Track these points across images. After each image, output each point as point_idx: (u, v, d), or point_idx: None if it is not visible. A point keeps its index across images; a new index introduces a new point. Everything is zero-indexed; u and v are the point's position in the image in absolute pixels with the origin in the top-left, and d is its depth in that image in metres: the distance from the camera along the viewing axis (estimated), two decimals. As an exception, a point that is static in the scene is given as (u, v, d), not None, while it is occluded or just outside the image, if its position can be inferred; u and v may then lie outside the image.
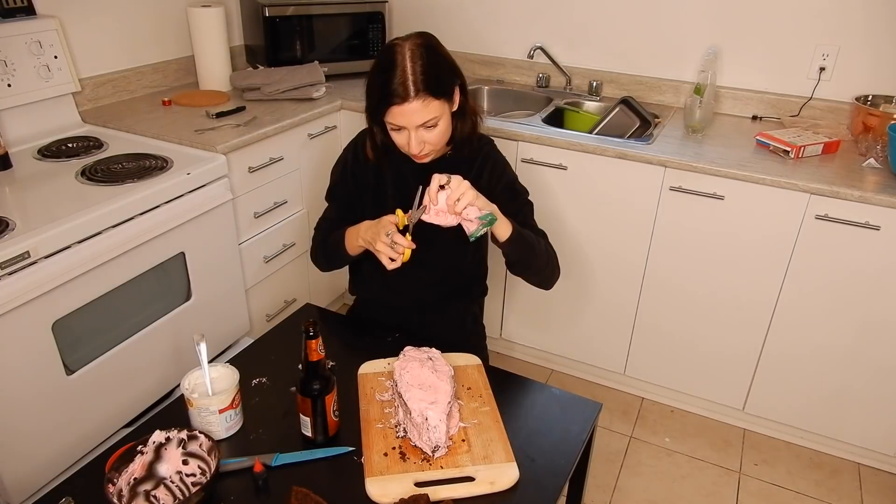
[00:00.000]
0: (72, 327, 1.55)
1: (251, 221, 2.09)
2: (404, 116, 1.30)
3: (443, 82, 1.32)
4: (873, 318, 1.90)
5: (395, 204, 1.42)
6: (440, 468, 1.09)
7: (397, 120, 1.31)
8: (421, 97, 1.28)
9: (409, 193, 1.45)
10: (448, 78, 1.34)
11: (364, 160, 1.50)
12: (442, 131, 1.35)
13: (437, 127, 1.34)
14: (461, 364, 1.35)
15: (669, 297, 2.15)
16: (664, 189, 2.01)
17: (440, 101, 1.31)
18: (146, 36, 2.32)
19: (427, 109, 1.30)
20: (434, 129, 1.34)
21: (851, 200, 1.78)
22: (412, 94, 1.27)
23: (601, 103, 2.50)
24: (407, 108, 1.28)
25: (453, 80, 1.36)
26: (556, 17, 2.54)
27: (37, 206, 1.58)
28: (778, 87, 2.30)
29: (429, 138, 1.34)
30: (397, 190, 1.49)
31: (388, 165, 1.49)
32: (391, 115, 1.31)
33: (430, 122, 1.32)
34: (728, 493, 2.01)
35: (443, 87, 1.32)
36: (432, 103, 1.30)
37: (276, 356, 1.36)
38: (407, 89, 1.27)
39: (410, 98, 1.27)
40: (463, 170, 1.47)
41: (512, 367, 2.00)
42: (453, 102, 1.37)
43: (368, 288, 1.65)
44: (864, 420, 2.04)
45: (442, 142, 1.38)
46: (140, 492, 1.03)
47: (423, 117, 1.30)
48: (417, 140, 1.33)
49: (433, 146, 1.36)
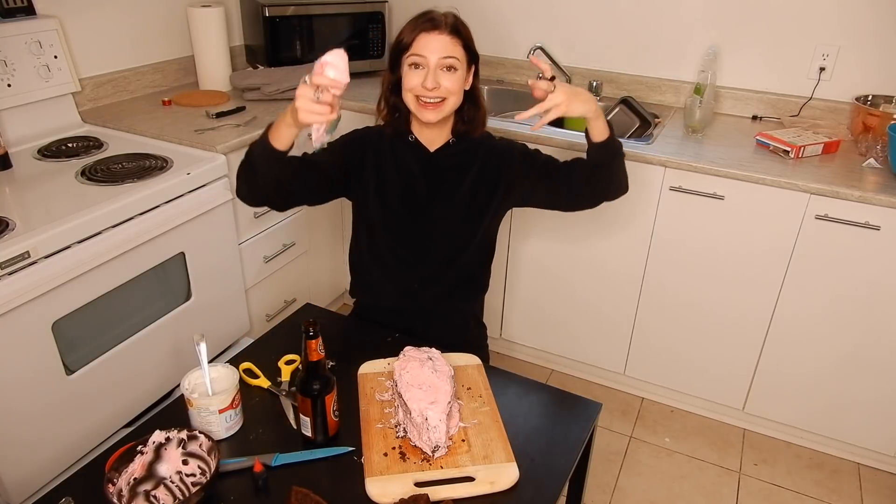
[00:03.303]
0: (72, 327, 1.55)
1: (251, 221, 2.09)
2: (429, 45, 1.33)
3: (470, 42, 1.39)
4: (873, 318, 1.90)
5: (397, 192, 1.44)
6: (440, 468, 1.09)
7: (422, 48, 1.33)
8: (450, 34, 1.34)
9: (415, 184, 1.47)
10: (473, 45, 1.40)
11: (369, 144, 1.49)
12: (458, 81, 1.37)
13: (455, 72, 1.36)
14: (461, 364, 1.35)
15: (669, 297, 2.15)
16: (664, 189, 2.01)
17: (463, 52, 1.37)
18: (146, 36, 2.32)
19: (453, 47, 1.34)
20: (452, 74, 1.35)
21: (851, 200, 1.78)
22: (443, 26, 1.34)
23: (601, 103, 2.48)
24: (435, 37, 1.33)
25: (475, 52, 1.41)
26: (556, 17, 2.54)
27: (37, 206, 1.58)
28: (778, 87, 2.30)
29: (444, 82, 1.35)
30: (401, 184, 1.48)
31: (395, 154, 1.48)
32: (418, 43, 1.34)
33: (451, 62, 1.34)
34: (728, 493, 2.01)
35: (469, 44, 1.39)
36: (458, 46, 1.35)
37: (276, 356, 1.36)
38: (439, 22, 1.34)
39: (441, 28, 1.33)
40: (466, 160, 1.49)
41: (512, 367, 2.00)
42: (469, 74, 1.41)
43: (369, 291, 1.63)
44: (864, 420, 2.03)
45: (454, 93, 1.38)
46: (140, 492, 1.03)
47: (447, 51, 1.33)
48: (434, 77, 1.34)
49: (446, 92, 1.36)
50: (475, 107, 1.46)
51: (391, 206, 1.49)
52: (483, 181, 1.49)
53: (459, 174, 1.49)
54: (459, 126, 1.47)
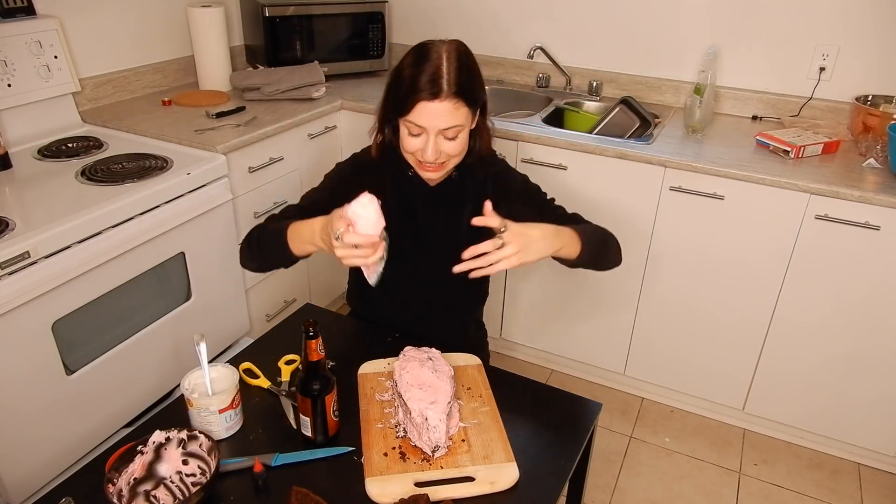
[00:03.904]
0: (72, 327, 1.55)
1: (251, 221, 2.09)
2: (430, 116, 1.21)
3: (475, 92, 1.26)
4: (873, 317, 1.90)
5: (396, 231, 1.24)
6: (440, 468, 1.09)
7: (421, 119, 1.22)
8: (453, 99, 1.20)
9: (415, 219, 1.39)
10: (479, 90, 1.28)
11: (365, 177, 1.37)
12: (460, 145, 1.28)
13: (456, 139, 1.26)
14: (461, 364, 1.35)
15: (669, 298, 2.15)
16: (664, 189, 2.01)
17: (468, 110, 1.25)
18: (146, 36, 2.32)
19: (455, 114, 1.22)
20: (453, 142, 1.26)
21: (851, 200, 1.78)
22: (445, 92, 1.19)
23: (601, 103, 2.50)
24: (436, 107, 1.20)
25: (482, 95, 1.29)
26: (556, 17, 2.54)
27: (37, 206, 1.58)
28: (778, 87, 2.30)
29: (446, 149, 1.26)
30: (400, 216, 1.39)
31: (392, 189, 1.39)
32: (416, 111, 1.21)
33: (453, 132, 1.24)
34: (728, 493, 2.01)
35: (474, 96, 1.25)
36: (461, 109, 1.23)
37: (276, 356, 1.36)
38: (440, 86, 1.19)
39: (443, 96, 1.20)
40: (467, 189, 1.43)
41: (512, 367, 1.99)
42: (474, 119, 1.31)
43: (368, 306, 1.57)
44: (864, 420, 2.04)
45: (456, 156, 1.30)
46: (140, 492, 1.03)
47: (449, 122, 1.22)
48: (435, 147, 1.24)
49: (447, 158, 1.29)
50: (480, 138, 1.37)
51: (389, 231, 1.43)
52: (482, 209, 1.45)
53: (460, 203, 1.43)
54: (466, 159, 1.37)
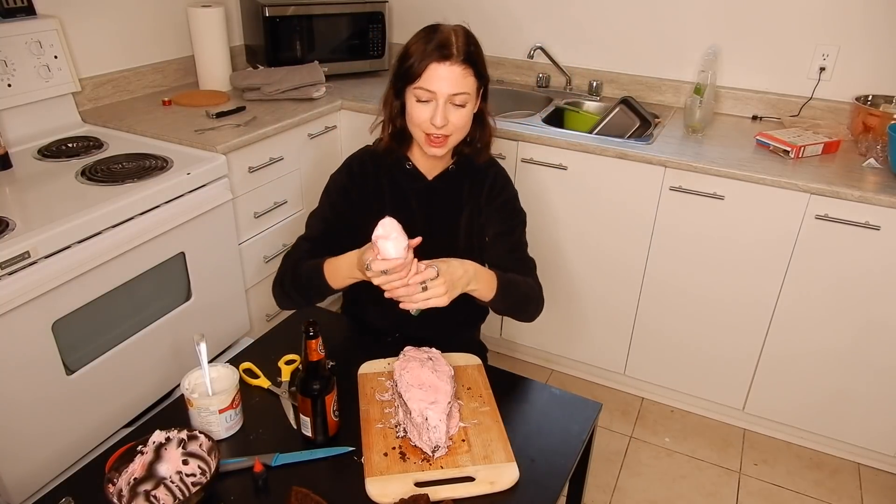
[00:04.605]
0: (72, 327, 1.55)
1: (251, 221, 2.09)
2: (441, 79, 1.24)
3: (481, 65, 1.30)
4: (873, 317, 1.90)
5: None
6: (440, 468, 1.09)
7: (431, 82, 1.25)
8: (462, 65, 1.25)
9: (411, 215, 1.38)
10: (485, 67, 1.32)
11: (361, 180, 1.41)
12: (466, 117, 1.30)
13: (464, 108, 1.29)
14: (461, 364, 1.35)
15: (669, 297, 2.15)
16: (664, 189, 2.01)
17: (475, 80, 1.29)
18: (146, 36, 2.32)
19: (464, 80, 1.26)
20: (461, 110, 1.29)
21: (851, 200, 1.78)
22: (455, 56, 1.24)
23: (601, 103, 2.50)
24: (446, 70, 1.24)
25: (487, 73, 1.33)
26: (556, 17, 2.54)
27: (37, 206, 1.58)
28: (778, 87, 2.30)
29: (452, 117, 1.28)
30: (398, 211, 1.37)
31: (389, 186, 1.41)
32: (427, 75, 1.24)
33: (461, 99, 1.27)
34: (728, 493, 2.01)
35: (480, 69, 1.30)
36: (469, 77, 1.27)
37: (276, 356, 1.36)
38: (451, 51, 1.24)
39: (454, 58, 1.24)
40: (463, 189, 1.43)
41: (512, 367, 2.00)
42: (478, 98, 1.34)
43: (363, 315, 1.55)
44: (864, 420, 2.03)
45: (461, 129, 1.32)
46: (140, 492, 1.03)
47: (459, 87, 1.25)
48: (444, 113, 1.26)
49: (453, 128, 1.29)
50: (481, 127, 1.39)
51: None
52: (479, 213, 1.44)
53: (456, 205, 1.44)
54: (464, 148, 1.40)
